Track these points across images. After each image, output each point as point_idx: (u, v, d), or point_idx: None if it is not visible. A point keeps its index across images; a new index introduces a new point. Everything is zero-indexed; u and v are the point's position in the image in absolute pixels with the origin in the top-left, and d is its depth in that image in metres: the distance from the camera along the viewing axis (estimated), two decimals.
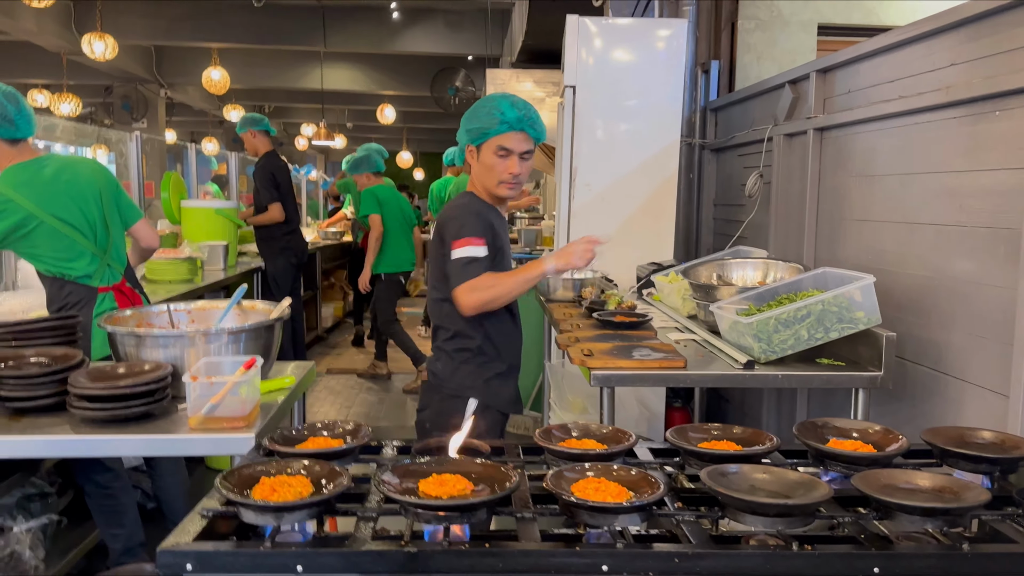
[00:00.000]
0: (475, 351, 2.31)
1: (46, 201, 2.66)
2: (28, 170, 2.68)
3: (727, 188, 4.35)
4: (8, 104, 2.61)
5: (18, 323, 2.04)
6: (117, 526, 2.73)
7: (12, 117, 2.62)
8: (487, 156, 2.27)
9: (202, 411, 1.72)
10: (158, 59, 11.40)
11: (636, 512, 1.27)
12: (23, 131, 2.67)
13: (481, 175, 2.32)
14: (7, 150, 2.67)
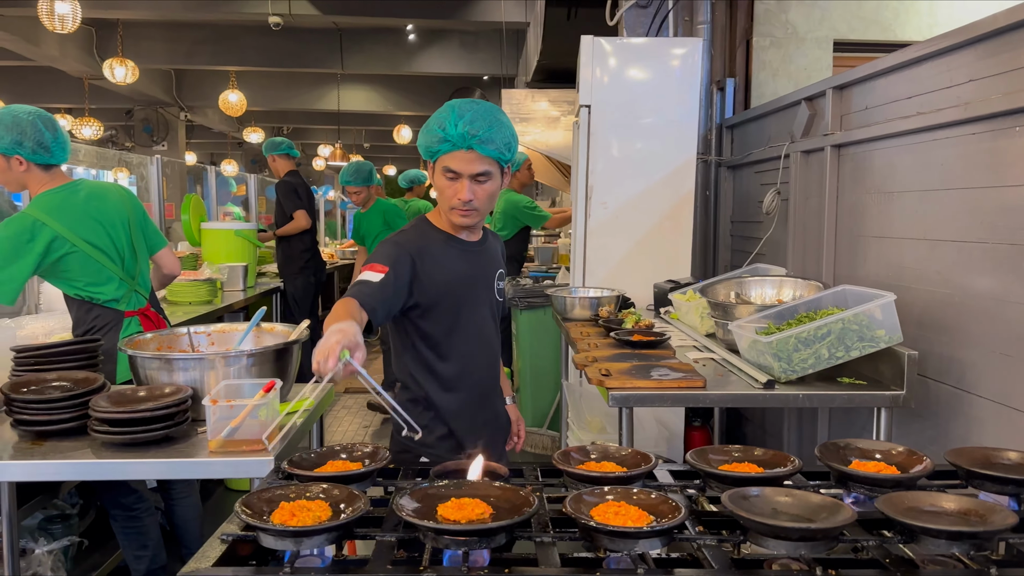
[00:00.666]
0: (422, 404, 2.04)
1: (77, 226, 2.69)
2: (60, 195, 2.71)
3: (744, 205, 4.34)
4: (45, 130, 2.63)
5: (40, 347, 2.06)
6: (140, 548, 2.73)
7: (48, 144, 2.64)
8: (437, 177, 1.95)
9: (222, 434, 1.73)
10: (178, 82, 11.56)
11: (657, 536, 1.26)
12: (57, 157, 2.69)
13: (437, 198, 2.02)
14: (40, 175, 2.69)
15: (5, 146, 2.59)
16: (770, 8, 4.49)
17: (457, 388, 2.06)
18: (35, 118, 2.63)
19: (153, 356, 1.97)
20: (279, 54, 9.63)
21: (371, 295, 1.83)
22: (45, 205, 2.66)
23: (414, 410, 2.01)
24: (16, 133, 2.58)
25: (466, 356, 2.07)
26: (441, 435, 2.06)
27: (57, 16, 6.26)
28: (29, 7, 6.69)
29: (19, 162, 2.62)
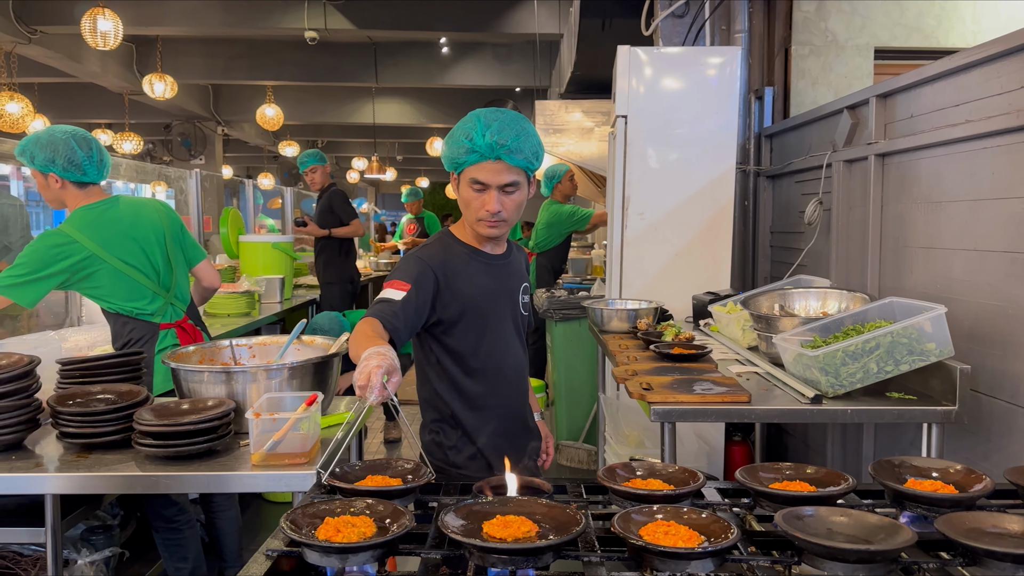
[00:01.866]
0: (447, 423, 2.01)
1: (110, 243, 2.73)
2: (94, 212, 2.76)
3: (784, 215, 4.27)
4: (78, 149, 2.70)
5: (85, 360, 2.08)
6: (181, 560, 2.75)
7: (80, 162, 2.70)
8: (464, 189, 1.90)
9: (264, 447, 1.72)
10: (215, 97, 11.74)
11: (710, 557, 1.23)
12: (91, 176, 2.75)
13: (463, 209, 1.97)
14: (76, 192, 2.75)
15: (40, 164, 2.69)
16: (809, 16, 4.43)
17: (484, 405, 2.01)
18: (69, 137, 2.70)
19: (195, 369, 1.98)
20: (315, 68, 9.74)
21: (393, 315, 1.80)
22: (79, 222, 2.72)
23: (440, 429, 2.01)
24: (50, 151, 2.67)
25: (492, 372, 2.02)
26: (470, 455, 2.01)
27: (99, 33, 6.39)
28: (72, 25, 6.85)
29: (55, 179, 2.71)
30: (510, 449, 2.02)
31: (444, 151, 1.95)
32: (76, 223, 2.72)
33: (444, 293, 1.91)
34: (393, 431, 5.52)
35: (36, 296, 2.64)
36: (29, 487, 1.75)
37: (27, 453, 1.86)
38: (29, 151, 2.69)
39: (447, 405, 2.00)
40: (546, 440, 2.24)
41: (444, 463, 2.00)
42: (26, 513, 2.05)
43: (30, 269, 2.61)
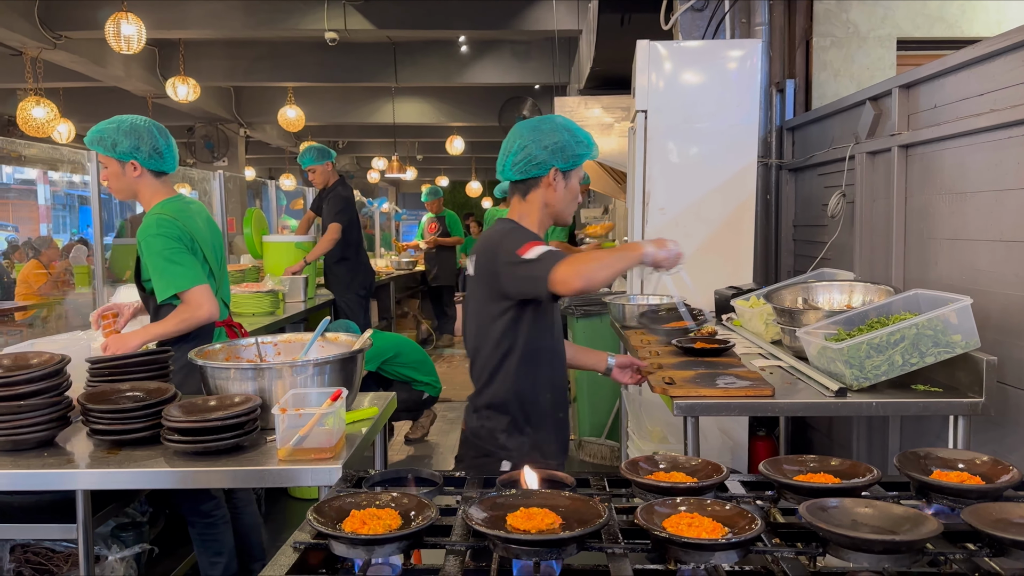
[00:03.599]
0: (502, 408, 2.12)
1: (195, 234, 2.73)
2: (179, 204, 2.77)
3: (807, 208, 4.24)
4: (159, 137, 2.70)
5: (114, 358, 2.11)
6: (216, 554, 2.77)
7: (162, 150, 2.70)
8: (574, 183, 2.20)
9: (291, 443, 1.75)
10: (237, 99, 11.84)
11: (733, 549, 1.23)
12: (168, 165, 2.75)
13: (560, 202, 2.18)
14: (152, 183, 2.73)
15: (123, 151, 2.63)
16: (830, 8, 4.39)
17: (544, 390, 2.16)
18: (151, 125, 2.69)
19: (222, 366, 2.01)
20: (335, 69, 9.79)
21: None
22: (171, 209, 2.70)
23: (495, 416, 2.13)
24: (134, 138, 2.63)
25: (550, 358, 2.20)
26: (522, 439, 2.13)
27: (123, 37, 6.46)
28: (96, 30, 6.93)
29: (133, 167, 2.66)
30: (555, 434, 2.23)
31: (568, 148, 2.16)
32: (169, 210, 2.69)
33: None
34: (417, 431, 5.54)
35: (199, 273, 2.63)
36: (61, 483, 1.79)
37: (58, 450, 1.90)
38: (110, 138, 2.62)
39: (507, 390, 2.12)
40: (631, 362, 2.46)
41: (494, 447, 2.13)
42: (58, 510, 2.08)
43: (175, 255, 2.59)
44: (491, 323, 2.09)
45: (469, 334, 2.21)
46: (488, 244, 2.16)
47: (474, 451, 2.18)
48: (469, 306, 2.21)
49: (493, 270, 2.07)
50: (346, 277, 5.63)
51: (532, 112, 11.26)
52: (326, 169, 5.63)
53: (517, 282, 2.02)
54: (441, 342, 9.50)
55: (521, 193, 2.22)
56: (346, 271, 5.62)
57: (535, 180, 2.17)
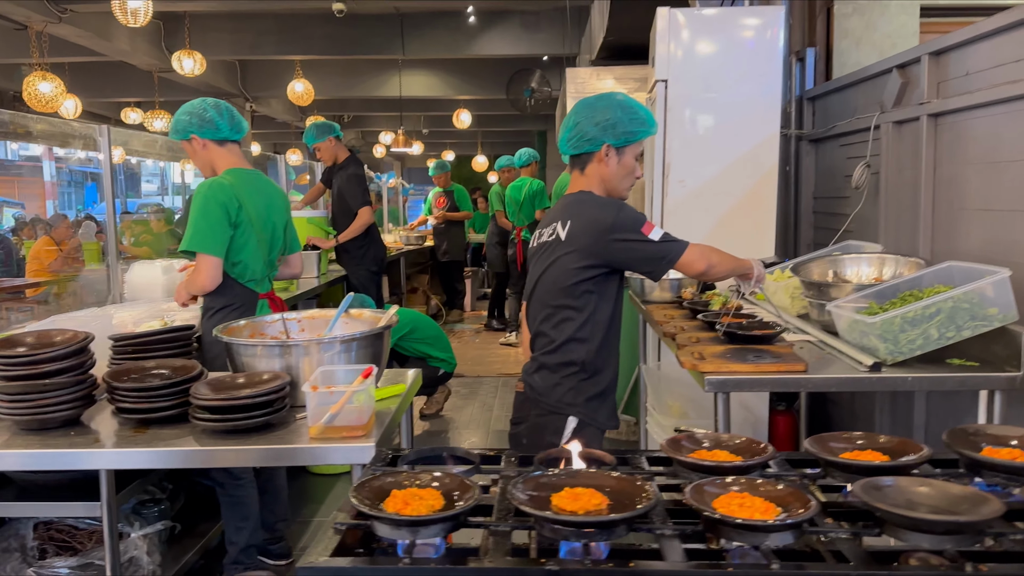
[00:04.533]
0: (580, 366, 2.22)
1: (255, 204, 2.87)
2: (244, 173, 2.91)
3: (828, 180, 4.18)
4: (211, 109, 2.86)
5: (137, 335, 2.08)
6: (243, 519, 2.85)
7: (213, 118, 2.84)
8: (629, 159, 2.27)
9: (322, 420, 1.71)
10: (243, 73, 11.73)
11: (789, 530, 1.19)
12: (225, 132, 2.88)
13: (614, 178, 2.28)
14: (220, 151, 2.89)
15: (182, 130, 2.85)
16: None
17: (613, 355, 2.29)
18: (202, 101, 2.89)
19: (249, 343, 1.97)
20: (341, 42, 9.67)
21: None
22: (233, 177, 2.84)
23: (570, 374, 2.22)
24: (186, 116, 2.84)
25: (619, 326, 2.31)
26: (592, 395, 2.23)
27: (129, 11, 6.37)
28: (102, 3, 6.84)
29: (197, 142, 2.85)
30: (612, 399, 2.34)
31: (626, 124, 2.23)
32: (231, 177, 2.84)
33: None
34: (432, 406, 5.53)
35: (224, 246, 2.75)
36: (89, 462, 1.76)
37: (84, 429, 1.87)
38: (173, 126, 2.87)
39: (587, 350, 2.21)
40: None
41: (563, 404, 2.20)
42: (81, 488, 2.07)
43: (210, 220, 2.71)
44: (576, 286, 2.19)
45: (543, 294, 2.28)
46: (587, 213, 2.24)
47: (538, 409, 2.25)
48: (544, 267, 2.29)
49: (596, 239, 2.18)
50: (358, 253, 5.57)
51: (540, 84, 11.13)
52: (330, 145, 5.50)
53: (638, 258, 2.21)
54: (451, 317, 9.46)
55: (580, 168, 2.33)
56: (358, 247, 5.56)
57: (589, 155, 2.28)
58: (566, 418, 2.19)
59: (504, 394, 5.88)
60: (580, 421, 2.19)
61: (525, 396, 2.28)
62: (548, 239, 2.31)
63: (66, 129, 3.48)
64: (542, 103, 11.26)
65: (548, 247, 2.29)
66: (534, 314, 2.31)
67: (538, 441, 2.19)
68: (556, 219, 2.31)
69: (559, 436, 2.17)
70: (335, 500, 3.91)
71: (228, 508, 2.88)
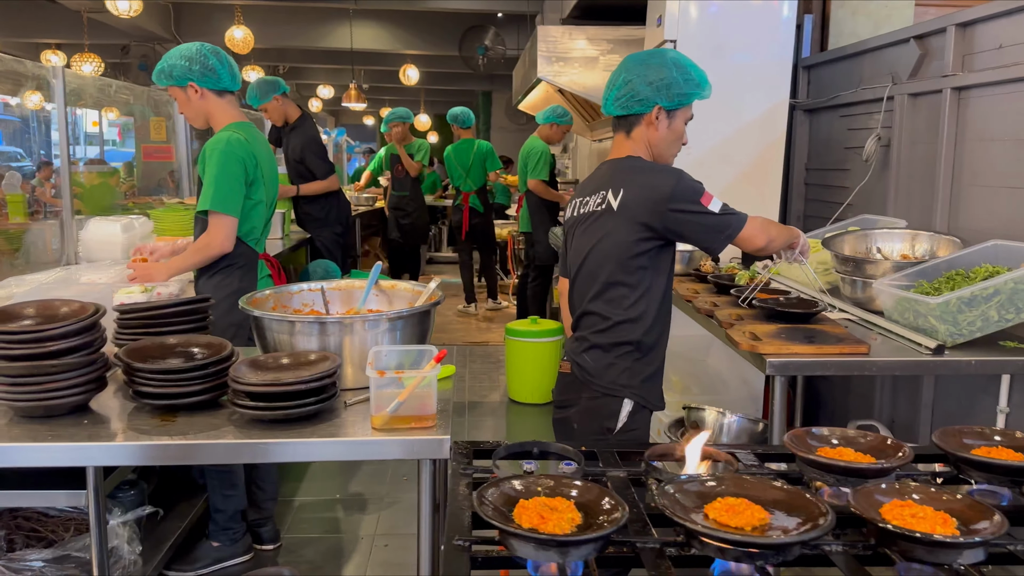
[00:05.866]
0: (634, 345, 2.05)
1: (262, 160, 2.74)
2: (249, 128, 2.77)
3: (824, 151, 4.10)
4: (211, 56, 2.68)
5: (149, 307, 1.81)
6: (231, 487, 2.72)
7: (214, 67, 2.67)
8: (679, 124, 2.14)
9: (387, 410, 1.51)
10: (176, 17, 11.02)
11: (982, 547, 1.07)
12: (226, 83, 2.72)
13: (662, 143, 2.13)
14: (219, 102, 2.73)
15: (179, 75, 2.65)
16: None
17: (666, 332, 2.14)
18: (201, 46, 2.71)
19: (286, 318, 1.74)
20: None
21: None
22: (243, 131, 2.71)
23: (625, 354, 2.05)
24: (185, 61, 2.65)
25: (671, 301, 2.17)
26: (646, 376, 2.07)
27: None
28: None
29: (194, 90, 2.67)
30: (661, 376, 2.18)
31: (678, 87, 2.11)
32: (243, 132, 2.70)
33: None
34: None
35: (240, 205, 2.63)
36: (114, 458, 1.50)
37: (97, 417, 1.61)
38: (166, 69, 2.67)
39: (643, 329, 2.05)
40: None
41: (617, 386, 2.04)
42: (60, 473, 1.81)
43: (230, 179, 2.59)
44: (632, 260, 2.02)
45: (593, 268, 2.08)
46: (641, 180, 2.07)
47: (589, 392, 2.07)
48: (594, 241, 2.09)
49: (652, 209, 2.01)
50: (321, 213, 5.25)
51: (494, 43, 10.83)
52: (278, 104, 5.02)
53: (697, 231, 2.03)
54: None
55: (625, 130, 2.16)
56: (321, 208, 5.23)
57: (637, 117, 2.12)
58: (621, 400, 2.03)
59: (471, 364, 5.71)
60: (635, 403, 2.04)
61: (572, 377, 2.10)
62: (596, 208, 2.11)
63: (17, 68, 3.09)
64: (495, 62, 10.97)
65: (595, 217, 2.10)
66: (582, 290, 2.11)
67: (591, 426, 2.03)
68: (604, 186, 2.11)
69: (614, 420, 2.02)
70: (315, 479, 3.68)
71: (215, 476, 2.73)
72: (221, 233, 2.59)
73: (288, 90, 5.18)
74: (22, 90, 3.94)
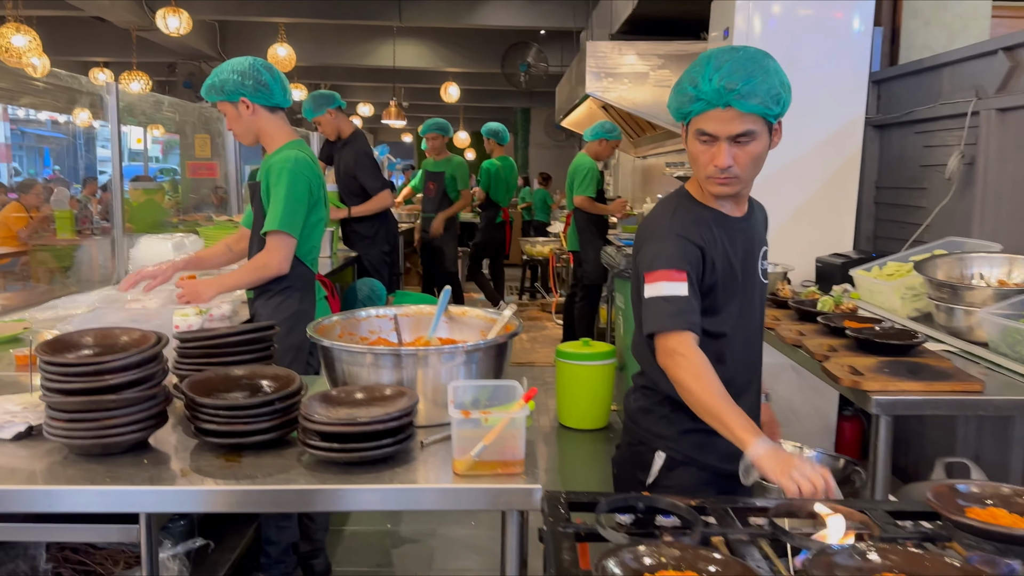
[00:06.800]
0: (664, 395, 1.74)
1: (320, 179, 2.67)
2: (304, 146, 2.68)
3: (897, 169, 3.90)
4: (264, 71, 2.59)
5: (212, 336, 1.70)
6: (285, 517, 2.59)
7: (267, 82, 2.58)
8: (690, 143, 1.67)
9: (471, 453, 1.37)
10: (222, 35, 11.11)
11: None
12: (279, 99, 2.63)
13: (692, 166, 1.72)
14: (270, 119, 2.64)
15: (230, 90, 2.56)
16: None
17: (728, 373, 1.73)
18: (254, 61, 2.61)
19: (358, 349, 1.61)
20: (333, 5, 9.15)
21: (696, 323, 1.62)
22: (308, 153, 2.65)
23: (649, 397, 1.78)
24: (237, 75, 2.56)
25: (732, 349, 1.73)
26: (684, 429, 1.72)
27: None
28: None
29: (246, 106, 2.58)
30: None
31: (671, 100, 1.71)
32: (307, 153, 2.63)
33: (706, 266, 1.68)
34: None
35: (301, 228, 2.56)
36: (184, 504, 1.37)
37: (157, 456, 1.49)
38: (216, 84, 2.57)
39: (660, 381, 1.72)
40: (770, 427, 1.90)
41: (648, 434, 1.78)
42: None
43: (297, 199, 2.53)
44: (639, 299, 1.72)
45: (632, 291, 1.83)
46: (641, 230, 1.79)
47: (629, 437, 1.85)
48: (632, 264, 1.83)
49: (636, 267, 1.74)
50: (370, 231, 5.16)
51: (537, 59, 10.74)
52: (331, 117, 4.99)
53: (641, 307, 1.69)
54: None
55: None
56: (370, 226, 5.14)
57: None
58: (653, 452, 1.75)
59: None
60: (668, 457, 1.74)
61: (625, 422, 1.90)
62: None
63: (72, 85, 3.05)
64: (537, 79, 10.87)
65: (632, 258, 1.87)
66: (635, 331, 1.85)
67: (626, 474, 1.82)
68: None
69: (646, 472, 1.75)
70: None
71: None
72: (280, 254, 2.51)
73: (344, 105, 5.13)
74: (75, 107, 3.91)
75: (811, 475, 1.35)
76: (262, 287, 2.58)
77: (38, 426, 1.52)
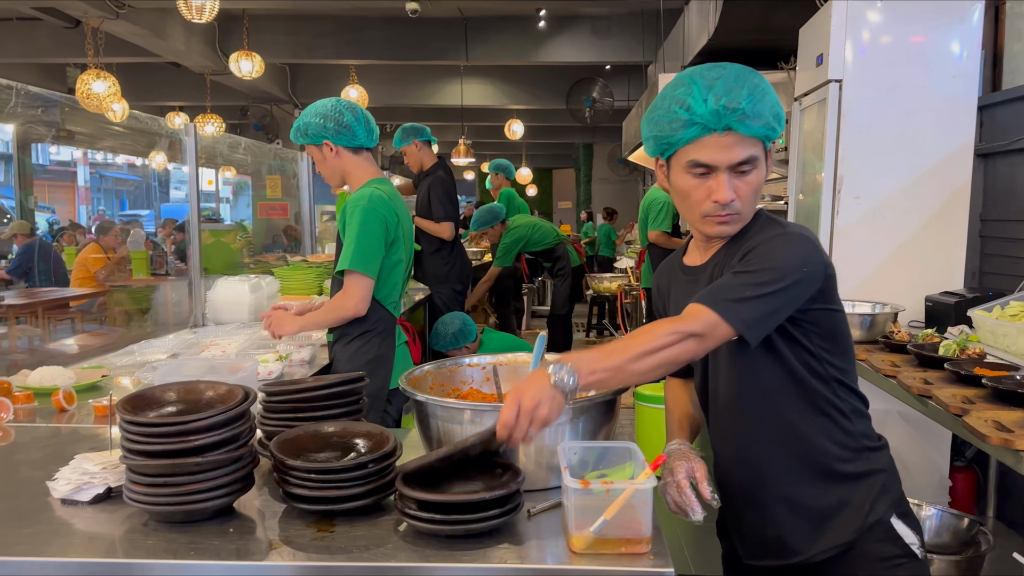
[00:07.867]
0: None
1: (402, 220, 2.64)
2: (390, 187, 2.67)
3: (1006, 200, 3.64)
4: (346, 112, 2.58)
5: (300, 388, 1.59)
6: None
7: (350, 123, 2.57)
8: (679, 177, 1.44)
9: (591, 528, 1.21)
10: (292, 78, 11.34)
11: None
12: (362, 140, 2.63)
13: (679, 205, 1.50)
14: (355, 160, 2.63)
15: (314, 133, 2.57)
16: None
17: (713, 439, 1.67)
18: (336, 102, 2.62)
19: (458, 405, 1.48)
20: (402, 46, 9.24)
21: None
22: (387, 190, 2.61)
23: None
24: (320, 119, 2.56)
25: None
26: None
27: (194, 6, 5.97)
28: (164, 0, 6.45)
29: (329, 148, 2.58)
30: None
31: (649, 129, 1.47)
32: (386, 190, 2.60)
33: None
34: None
35: (379, 266, 2.52)
36: None
37: (243, 523, 1.37)
38: (301, 128, 2.60)
39: None
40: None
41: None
42: None
43: (372, 238, 2.49)
44: None
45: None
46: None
47: None
48: None
49: None
50: (443, 269, 5.08)
51: (602, 94, 10.66)
52: (415, 149, 5.06)
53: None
54: None
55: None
56: (443, 262, 5.07)
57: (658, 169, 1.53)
58: None
59: None
60: None
61: None
62: None
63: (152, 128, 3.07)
64: (602, 114, 10.78)
65: None
66: None
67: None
68: None
69: None
70: None
71: None
72: (356, 294, 2.44)
73: (434, 140, 5.15)
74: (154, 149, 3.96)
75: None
76: (341, 331, 2.50)
77: (118, 487, 1.42)
